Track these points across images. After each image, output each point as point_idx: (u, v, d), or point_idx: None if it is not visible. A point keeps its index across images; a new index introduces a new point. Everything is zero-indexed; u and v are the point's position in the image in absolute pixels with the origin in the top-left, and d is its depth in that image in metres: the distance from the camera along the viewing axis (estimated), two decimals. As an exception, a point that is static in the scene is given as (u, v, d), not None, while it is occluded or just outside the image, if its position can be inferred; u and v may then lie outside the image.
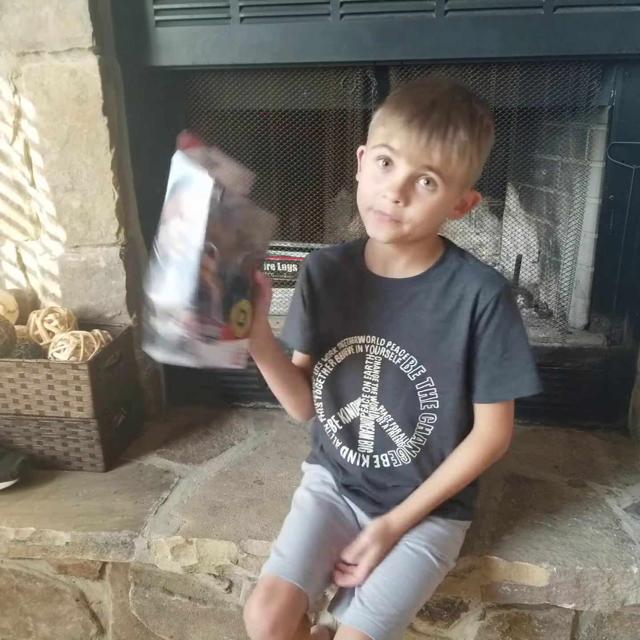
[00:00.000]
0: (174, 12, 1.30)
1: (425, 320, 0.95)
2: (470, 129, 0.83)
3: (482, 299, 0.92)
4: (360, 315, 0.99)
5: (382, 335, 0.97)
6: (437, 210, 0.87)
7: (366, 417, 1.02)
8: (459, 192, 0.88)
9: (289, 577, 0.92)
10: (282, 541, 1.00)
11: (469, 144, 0.83)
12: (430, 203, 0.85)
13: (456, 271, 0.95)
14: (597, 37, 1.22)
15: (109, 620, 1.28)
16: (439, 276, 0.96)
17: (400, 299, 0.96)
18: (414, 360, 0.96)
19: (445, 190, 0.85)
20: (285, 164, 1.51)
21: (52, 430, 1.31)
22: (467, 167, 0.85)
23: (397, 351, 0.97)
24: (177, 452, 1.41)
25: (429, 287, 0.95)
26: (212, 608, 1.22)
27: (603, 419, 1.49)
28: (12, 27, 1.27)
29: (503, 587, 1.08)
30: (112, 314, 1.46)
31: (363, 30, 1.27)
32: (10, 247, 1.49)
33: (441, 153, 0.82)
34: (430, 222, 0.88)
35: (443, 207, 0.87)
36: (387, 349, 0.97)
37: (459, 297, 0.94)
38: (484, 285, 0.93)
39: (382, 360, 0.98)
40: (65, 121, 1.32)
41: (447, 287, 0.95)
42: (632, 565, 1.05)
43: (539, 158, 1.59)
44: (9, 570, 1.26)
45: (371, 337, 0.98)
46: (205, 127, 1.48)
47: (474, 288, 0.93)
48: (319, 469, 1.13)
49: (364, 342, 0.99)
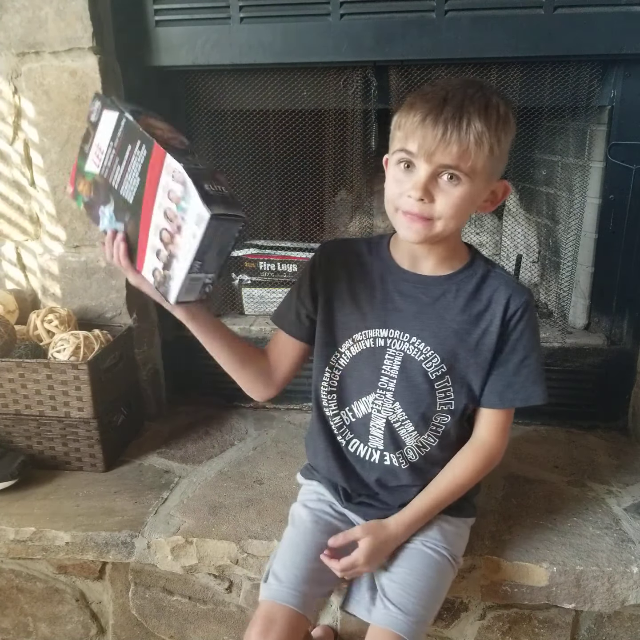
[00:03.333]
0: (174, 12, 1.30)
1: (452, 320, 0.95)
2: (485, 118, 0.82)
3: (513, 305, 0.93)
4: (384, 308, 0.97)
5: (407, 330, 0.96)
6: (465, 204, 0.86)
7: (378, 414, 0.99)
8: (486, 184, 0.87)
9: (287, 602, 0.91)
10: (279, 563, 0.98)
11: (487, 132, 0.82)
12: (456, 196, 0.85)
13: (484, 276, 0.96)
14: (597, 37, 1.22)
15: (109, 620, 1.28)
16: (467, 279, 0.96)
17: (429, 296, 0.96)
18: (437, 359, 0.95)
19: (469, 182, 0.84)
20: (285, 163, 1.51)
21: (52, 430, 1.31)
22: (487, 157, 0.83)
23: (421, 348, 0.96)
24: (177, 452, 1.41)
25: (458, 287, 0.95)
26: (212, 608, 1.22)
27: (603, 419, 1.49)
28: (12, 27, 1.27)
29: (503, 587, 1.08)
30: (112, 314, 1.46)
31: (363, 30, 1.27)
32: (11, 247, 1.49)
33: (458, 146, 0.81)
34: (460, 215, 0.87)
35: (471, 200, 0.86)
36: (410, 344, 0.96)
37: (488, 301, 0.95)
38: (513, 292, 0.94)
39: (404, 356, 0.97)
40: (66, 121, 1.32)
41: (476, 289, 0.95)
42: (632, 565, 1.05)
43: (539, 158, 1.59)
44: (9, 570, 1.26)
45: (394, 332, 0.97)
46: (205, 127, 1.48)
47: (504, 293, 0.94)
48: (316, 485, 1.10)
49: (386, 336, 0.97)
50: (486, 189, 0.88)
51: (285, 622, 0.90)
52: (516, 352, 0.95)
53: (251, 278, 1.65)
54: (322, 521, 1.04)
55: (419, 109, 0.83)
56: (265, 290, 1.64)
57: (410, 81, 1.34)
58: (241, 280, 1.65)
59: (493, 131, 0.82)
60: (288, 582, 0.94)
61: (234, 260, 1.64)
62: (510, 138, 0.87)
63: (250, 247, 1.64)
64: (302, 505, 1.08)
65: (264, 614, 0.91)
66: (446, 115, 0.81)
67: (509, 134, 0.86)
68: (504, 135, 0.85)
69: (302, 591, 0.93)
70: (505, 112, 0.85)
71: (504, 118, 0.84)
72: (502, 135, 0.84)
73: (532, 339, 0.96)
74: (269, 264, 1.63)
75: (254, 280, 1.65)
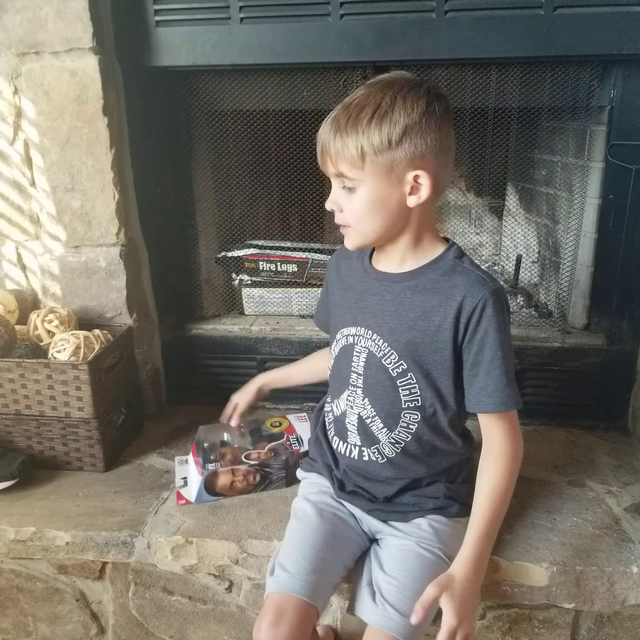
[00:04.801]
0: (174, 13, 1.30)
1: (406, 316, 0.96)
2: (341, 121, 0.87)
3: (469, 301, 0.91)
4: (356, 307, 1.02)
5: (369, 327, 0.99)
6: (370, 206, 0.89)
7: (351, 410, 1.03)
8: (387, 180, 0.88)
9: (297, 593, 0.91)
10: (285, 557, 0.98)
11: (347, 135, 0.86)
12: (356, 202, 0.90)
13: (447, 270, 0.94)
14: (597, 37, 1.22)
15: (109, 620, 1.28)
16: (428, 273, 0.95)
17: (390, 293, 0.98)
18: (395, 355, 0.97)
19: (363, 185, 0.88)
20: (286, 164, 1.51)
21: (52, 430, 1.31)
22: (361, 157, 0.86)
23: (380, 344, 0.98)
24: (178, 452, 1.41)
25: (417, 283, 0.96)
26: (212, 608, 1.22)
27: (603, 419, 1.49)
28: (13, 27, 1.27)
29: (503, 587, 1.08)
30: (112, 314, 1.46)
31: (363, 31, 1.27)
32: (11, 247, 1.49)
33: (329, 156, 0.89)
34: (372, 217, 0.91)
35: (378, 201, 0.89)
36: (372, 341, 0.99)
37: (444, 297, 0.93)
38: (471, 288, 0.91)
39: (368, 353, 0.99)
40: (66, 121, 1.33)
41: (434, 284, 0.94)
42: (632, 565, 1.05)
43: (538, 158, 1.59)
44: (9, 570, 1.26)
45: (360, 329, 1.00)
46: (205, 127, 1.48)
47: (461, 289, 0.92)
48: (316, 477, 1.13)
49: (355, 334, 1.01)
50: (393, 184, 0.89)
51: (296, 612, 0.90)
52: (484, 352, 0.92)
53: (251, 278, 1.65)
54: (325, 513, 1.05)
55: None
56: (265, 290, 1.64)
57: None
58: (241, 280, 1.65)
59: (354, 132, 0.86)
60: (297, 573, 0.94)
61: (234, 260, 1.64)
62: (397, 128, 0.85)
63: (250, 247, 1.64)
64: (304, 499, 1.09)
65: (274, 606, 0.91)
66: (323, 130, 0.90)
67: (389, 125, 0.85)
68: (377, 131, 0.85)
69: (311, 582, 0.93)
70: (362, 107, 0.86)
71: (369, 115, 0.86)
72: (375, 131, 0.85)
73: (497, 337, 0.91)
74: (269, 264, 1.63)
75: (254, 280, 1.65)
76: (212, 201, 1.62)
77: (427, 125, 0.86)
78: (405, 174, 0.88)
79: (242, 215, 1.67)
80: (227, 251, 1.64)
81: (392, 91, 0.86)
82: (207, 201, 1.61)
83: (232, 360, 1.57)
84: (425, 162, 0.88)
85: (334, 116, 0.89)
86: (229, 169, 1.55)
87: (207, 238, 1.64)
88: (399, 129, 0.85)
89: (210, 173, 1.59)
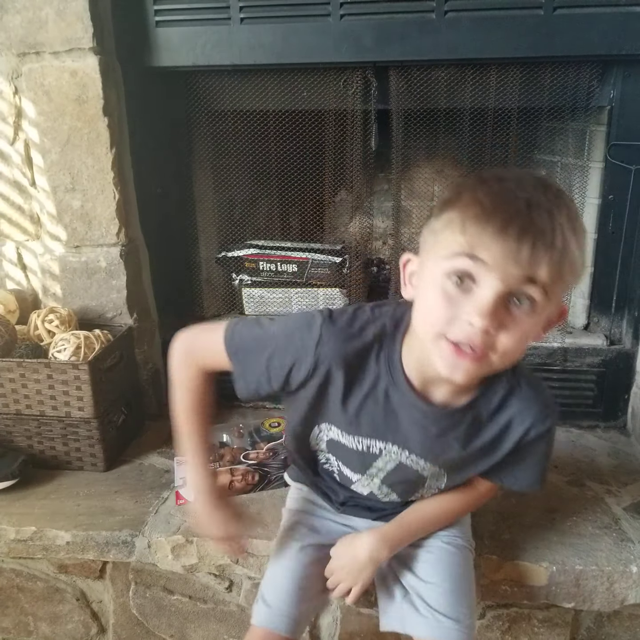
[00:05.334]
0: (175, 13, 1.30)
1: (460, 449, 0.85)
2: (574, 232, 0.66)
3: (533, 432, 0.84)
4: (385, 423, 0.85)
5: (409, 449, 0.87)
6: (532, 335, 0.70)
7: (362, 487, 0.96)
8: (551, 310, 0.71)
9: (280, 630, 0.91)
10: (269, 586, 0.96)
11: (577, 250, 0.66)
12: (527, 326, 0.68)
13: (507, 396, 0.82)
14: (597, 37, 1.22)
15: (109, 620, 1.28)
16: (485, 404, 0.82)
17: (439, 428, 0.84)
18: (435, 469, 0.89)
19: (544, 309, 0.68)
20: (286, 164, 1.51)
21: (53, 430, 1.31)
22: (575, 279, 0.69)
23: (421, 464, 0.88)
24: (178, 452, 1.41)
25: (474, 416, 0.83)
26: (213, 607, 1.22)
27: (602, 419, 1.50)
28: (13, 27, 1.27)
29: (502, 586, 1.08)
30: (112, 314, 1.46)
31: (363, 31, 1.27)
32: (11, 247, 1.49)
33: (549, 266, 0.64)
34: (523, 349, 0.71)
35: (537, 329, 0.71)
36: (409, 459, 0.88)
37: (505, 427, 0.84)
38: (535, 421, 0.83)
39: (399, 464, 0.89)
40: (66, 121, 1.33)
41: (493, 415, 0.83)
42: (632, 565, 1.06)
43: (538, 158, 1.59)
44: (9, 569, 1.26)
45: (391, 446, 0.87)
46: (205, 128, 1.48)
47: (523, 422, 0.83)
48: (307, 492, 1.08)
49: (382, 448, 0.88)
50: (549, 314, 0.72)
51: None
52: (526, 458, 0.88)
53: (251, 278, 1.65)
54: (309, 540, 1.00)
55: (497, 214, 0.65)
56: (265, 290, 1.64)
57: (410, 82, 1.34)
58: (241, 280, 1.65)
59: (582, 248, 0.68)
60: (278, 608, 0.92)
61: (235, 260, 1.64)
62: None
63: (251, 247, 1.64)
64: (291, 518, 1.05)
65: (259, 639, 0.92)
66: (536, 229, 0.64)
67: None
68: (585, 252, 0.69)
69: (292, 615, 0.92)
70: (582, 225, 0.69)
71: (584, 231, 0.69)
72: (585, 251, 0.69)
73: (547, 450, 0.89)
74: (269, 264, 1.63)
75: (254, 280, 1.65)
76: (212, 201, 1.62)
77: None
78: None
79: (242, 215, 1.67)
80: (227, 251, 1.65)
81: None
82: (207, 201, 1.61)
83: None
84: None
85: (571, 218, 0.67)
86: (229, 169, 1.55)
87: (207, 238, 1.64)
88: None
89: (210, 173, 1.59)
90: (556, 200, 0.66)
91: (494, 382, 0.82)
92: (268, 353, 0.83)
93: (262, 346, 0.84)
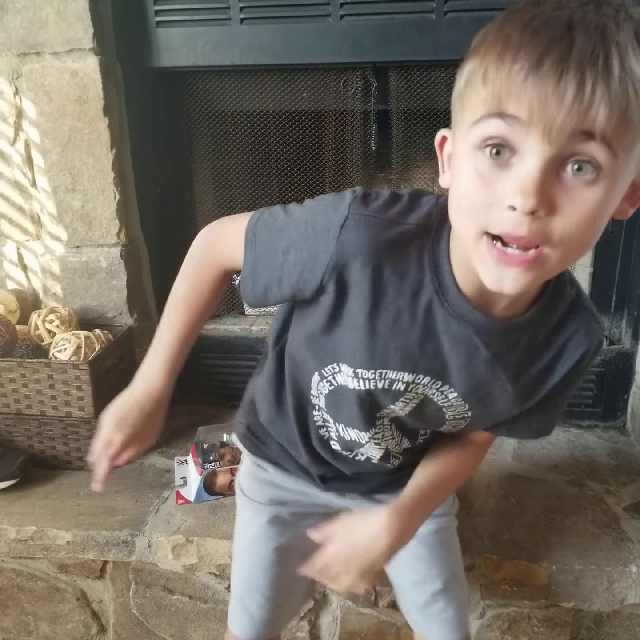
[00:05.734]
0: (175, 13, 1.31)
1: (507, 380, 0.68)
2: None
3: (583, 359, 0.69)
4: (421, 350, 0.66)
5: (442, 379, 0.69)
6: (604, 213, 0.53)
7: (375, 445, 0.79)
8: (633, 173, 0.52)
9: (262, 635, 0.88)
10: (241, 588, 0.90)
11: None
12: (593, 203, 0.49)
13: (564, 317, 0.67)
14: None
15: (109, 619, 1.28)
16: (545, 319, 0.66)
17: (490, 350, 0.65)
18: (468, 414, 0.72)
19: (615, 174, 0.49)
20: (286, 164, 1.51)
21: (53, 429, 1.31)
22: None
23: (451, 399, 0.70)
24: (178, 452, 1.41)
25: (532, 335, 0.66)
26: (213, 607, 1.23)
27: (602, 419, 1.50)
28: (13, 27, 1.27)
29: (502, 586, 1.08)
30: (113, 314, 1.46)
31: (363, 32, 1.27)
32: (12, 247, 1.49)
33: (609, 105, 0.44)
34: (592, 237, 0.54)
35: (612, 204, 0.53)
36: (438, 391, 0.70)
37: (560, 349, 0.68)
38: (590, 348, 0.69)
39: (424, 399, 0.71)
40: (66, 122, 1.33)
41: (551, 334, 0.67)
42: (631, 564, 1.06)
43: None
44: (10, 569, 1.26)
45: (423, 378, 0.69)
46: (205, 128, 1.49)
47: (581, 345, 0.68)
48: (272, 472, 0.89)
49: (410, 381, 0.69)
50: (628, 180, 0.52)
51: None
52: (554, 396, 0.72)
53: (251, 278, 1.64)
54: (278, 524, 0.88)
55: (525, 46, 0.47)
56: (265, 290, 1.64)
57: (410, 82, 1.34)
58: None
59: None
60: (259, 615, 0.88)
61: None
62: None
63: (251, 247, 1.64)
64: (254, 508, 0.89)
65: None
66: (580, 53, 0.44)
67: None
68: None
69: (271, 619, 0.89)
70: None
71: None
72: None
73: (577, 383, 0.73)
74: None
75: (254, 280, 1.64)
76: (213, 201, 1.62)
77: None
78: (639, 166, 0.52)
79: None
80: (228, 251, 1.64)
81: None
82: (208, 201, 1.61)
83: (233, 360, 1.57)
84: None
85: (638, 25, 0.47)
86: (229, 169, 1.55)
87: (207, 238, 1.64)
88: None
89: (210, 173, 1.59)
90: (615, 15, 0.46)
91: (558, 292, 0.65)
92: (285, 244, 0.65)
93: (280, 237, 0.66)
